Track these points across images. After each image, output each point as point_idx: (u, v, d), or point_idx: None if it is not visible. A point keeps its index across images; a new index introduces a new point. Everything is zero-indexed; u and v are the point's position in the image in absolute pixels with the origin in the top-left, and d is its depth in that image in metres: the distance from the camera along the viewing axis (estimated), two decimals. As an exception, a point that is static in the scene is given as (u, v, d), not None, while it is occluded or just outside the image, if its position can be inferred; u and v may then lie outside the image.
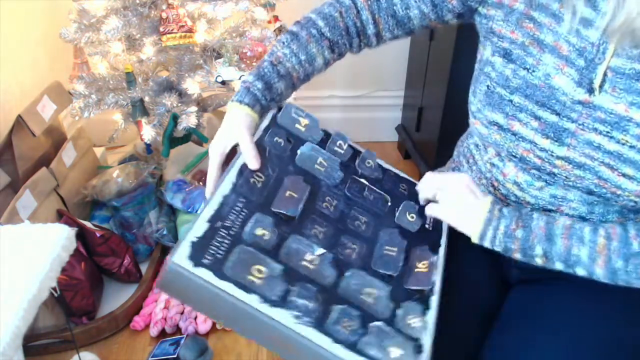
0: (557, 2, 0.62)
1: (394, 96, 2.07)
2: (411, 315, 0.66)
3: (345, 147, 0.79)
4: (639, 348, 0.75)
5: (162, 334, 1.01)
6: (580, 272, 0.69)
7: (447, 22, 0.82)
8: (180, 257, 0.56)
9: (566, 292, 0.80)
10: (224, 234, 0.60)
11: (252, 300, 0.56)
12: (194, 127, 1.18)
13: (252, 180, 0.68)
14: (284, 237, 0.65)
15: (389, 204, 0.77)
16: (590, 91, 0.66)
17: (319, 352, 0.57)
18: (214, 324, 1.02)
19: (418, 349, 0.63)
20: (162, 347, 0.95)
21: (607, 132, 0.66)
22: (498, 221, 0.70)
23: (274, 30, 1.33)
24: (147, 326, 1.03)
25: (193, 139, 1.34)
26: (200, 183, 1.27)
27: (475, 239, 0.72)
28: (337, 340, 0.58)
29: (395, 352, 0.60)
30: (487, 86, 0.74)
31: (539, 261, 0.70)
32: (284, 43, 0.77)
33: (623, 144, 0.65)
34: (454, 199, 0.73)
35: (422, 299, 0.69)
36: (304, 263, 0.63)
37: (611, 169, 0.66)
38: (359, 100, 1.96)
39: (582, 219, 0.74)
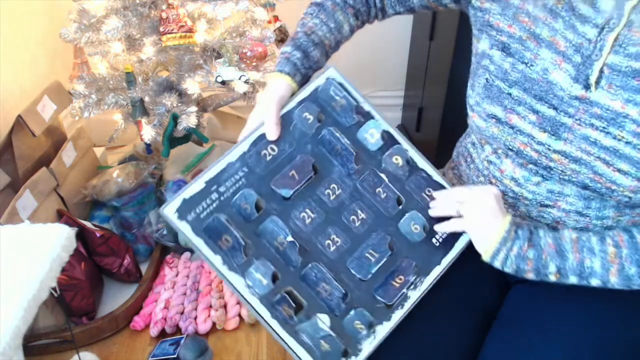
0: None
1: (394, 96, 2.07)
2: (360, 321, 0.68)
3: (377, 135, 0.77)
4: (637, 348, 0.75)
5: (162, 334, 1.01)
6: (595, 282, 0.69)
7: (446, 6, 0.82)
8: (170, 208, 0.66)
9: (565, 292, 0.80)
10: (214, 198, 0.68)
11: (216, 260, 0.66)
12: (194, 127, 1.18)
13: (264, 151, 0.72)
14: (267, 214, 0.70)
15: (401, 206, 0.76)
16: (587, 87, 0.67)
17: (261, 320, 0.65)
18: (214, 324, 1.02)
19: (346, 352, 0.67)
20: (162, 347, 0.95)
21: (604, 127, 0.66)
22: (512, 242, 0.70)
23: (274, 30, 1.33)
24: (147, 326, 1.03)
25: (193, 139, 1.34)
26: (200, 183, 1.27)
27: (486, 258, 0.72)
28: (274, 317, 0.65)
29: (325, 346, 0.66)
30: (486, 79, 0.75)
31: (552, 278, 0.70)
32: (312, 14, 0.80)
33: (619, 140, 0.65)
34: (479, 212, 0.71)
35: (386, 309, 0.70)
36: (275, 243, 0.69)
37: (606, 164, 0.67)
38: (359, 100, 1.96)
39: (579, 214, 0.74)
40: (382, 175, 0.76)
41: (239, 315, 1.04)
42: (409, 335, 0.76)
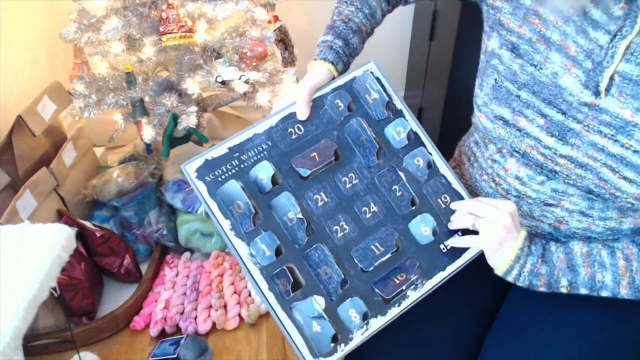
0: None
1: (394, 96, 2.07)
2: (355, 310, 0.69)
3: (403, 134, 0.77)
4: (636, 347, 0.75)
5: (162, 334, 1.01)
6: (604, 294, 0.70)
7: None
8: (191, 166, 0.69)
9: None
10: (234, 164, 0.70)
11: (225, 223, 0.68)
12: (194, 127, 1.18)
13: (290, 129, 0.74)
14: (282, 189, 0.71)
15: (414, 207, 0.76)
16: (597, 94, 0.66)
17: (257, 291, 0.67)
18: (214, 324, 1.02)
19: (336, 337, 0.67)
20: (162, 347, 0.95)
21: (612, 135, 0.66)
22: (525, 259, 0.69)
23: (274, 30, 1.33)
24: (147, 326, 1.03)
25: (193, 139, 1.34)
26: (200, 183, 1.27)
27: (499, 273, 0.72)
28: (271, 289, 0.67)
29: (316, 327, 0.66)
30: (495, 79, 0.74)
31: (563, 290, 0.70)
32: (346, 2, 0.81)
33: (627, 148, 0.65)
34: (494, 231, 0.70)
35: (382, 304, 0.71)
36: (285, 218, 0.70)
37: (612, 171, 0.66)
38: (359, 100, 1.96)
39: (582, 214, 0.74)
40: (401, 174, 0.76)
41: (239, 315, 1.04)
42: (409, 335, 0.76)
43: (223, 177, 0.69)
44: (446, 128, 1.66)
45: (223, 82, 1.15)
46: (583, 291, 0.70)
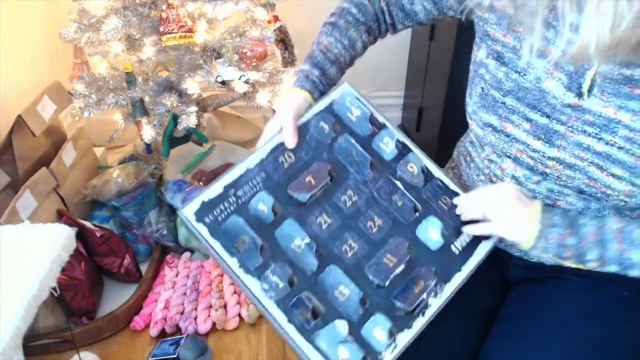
0: (546, 9, 0.62)
1: (394, 96, 2.07)
2: (380, 327, 0.66)
3: (391, 144, 0.78)
4: (636, 346, 0.75)
5: (162, 334, 1.01)
6: (634, 273, 0.69)
7: (453, 17, 0.83)
8: (188, 210, 0.67)
9: (565, 291, 0.80)
10: (231, 201, 0.69)
11: (232, 262, 0.65)
12: (194, 127, 1.18)
13: (281, 158, 0.73)
14: (284, 217, 0.70)
15: (417, 214, 0.75)
16: (579, 95, 0.67)
17: (276, 326, 0.64)
18: (214, 324, 1.02)
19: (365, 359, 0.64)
20: (162, 347, 0.95)
21: (596, 134, 0.67)
22: (550, 230, 0.69)
23: (274, 30, 1.33)
24: (147, 326, 1.03)
25: (193, 139, 1.34)
26: (200, 183, 1.27)
27: (525, 247, 0.71)
28: (290, 321, 0.64)
29: (343, 353, 0.64)
30: (482, 88, 0.76)
31: (592, 265, 0.69)
32: (326, 33, 0.83)
33: (612, 145, 0.65)
34: (504, 212, 0.70)
35: (406, 317, 0.68)
36: (292, 246, 0.68)
37: (600, 169, 0.67)
38: (359, 100, 1.96)
39: (579, 213, 0.74)
40: (398, 183, 0.76)
41: (239, 315, 1.04)
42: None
43: (223, 215, 0.67)
44: (446, 128, 1.66)
45: (223, 82, 1.15)
46: (613, 268, 0.69)
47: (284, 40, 1.48)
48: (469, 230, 0.75)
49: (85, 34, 1.10)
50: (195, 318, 1.03)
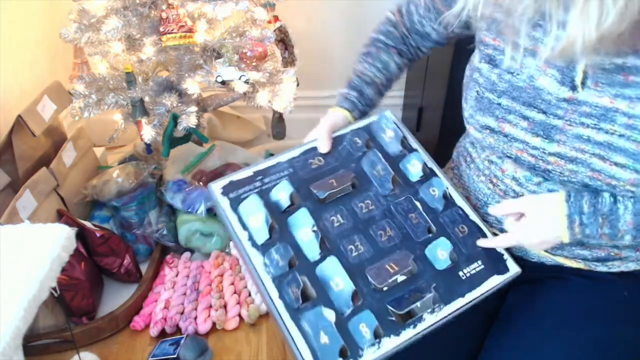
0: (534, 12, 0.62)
1: (394, 96, 2.07)
2: (365, 324, 0.67)
3: (418, 167, 0.82)
4: (636, 346, 0.75)
5: (162, 334, 1.02)
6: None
7: (463, 34, 0.84)
8: (217, 184, 0.75)
9: (564, 291, 0.80)
10: (256, 185, 0.76)
11: (243, 235, 0.72)
12: (194, 127, 1.18)
13: (310, 160, 0.80)
14: (299, 207, 0.75)
15: (430, 235, 0.76)
16: (574, 88, 0.68)
17: (267, 300, 0.67)
18: (214, 324, 1.02)
19: (344, 352, 0.65)
20: (162, 347, 0.95)
21: (595, 124, 0.67)
22: (583, 232, 0.70)
23: (274, 30, 1.33)
24: (147, 326, 1.03)
25: (193, 139, 1.34)
26: (200, 183, 1.27)
27: (566, 240, 0.72)
28: (281, 297, 0.67)
29: (324, 339, 0.65)
30: (477, 92, 0.76)
31: (626, 241, 0.71)
32: (360, 61, 0.91)
33: (612, 134, 0.66)
34: (533, 214, 0.72)
35: (395, 324, 0.68)
36: (301, 232, 0.73)
37: (603, 160, 0.67)
38: (359, 100, 1.95)
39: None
40: (417, 203, 0.79)
41: (239, 315, 1.04)
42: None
43: (245, 194, 0.74)
44: (446, 128, 1.66)
45: (223, 82, 1.15)
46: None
47: (284, 40, 1.48)
48: (483, 244, 0.76)
49: (85, 34, 1.10)
50: (195, 318, 1.03)
